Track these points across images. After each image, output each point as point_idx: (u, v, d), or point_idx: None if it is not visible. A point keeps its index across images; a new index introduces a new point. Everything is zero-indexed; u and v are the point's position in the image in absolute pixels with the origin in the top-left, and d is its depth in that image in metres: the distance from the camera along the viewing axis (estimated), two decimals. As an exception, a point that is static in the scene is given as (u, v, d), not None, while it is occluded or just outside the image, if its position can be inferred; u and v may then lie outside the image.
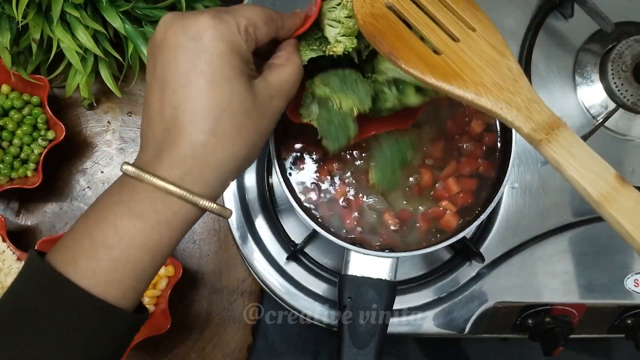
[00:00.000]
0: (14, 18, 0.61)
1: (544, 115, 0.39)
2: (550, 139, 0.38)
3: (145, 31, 0.67)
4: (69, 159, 0.75)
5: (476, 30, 0.41)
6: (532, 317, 0.64)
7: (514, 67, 0.40)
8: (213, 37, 0.36)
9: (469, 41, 0.40)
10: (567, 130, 0.38)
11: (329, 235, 0.52)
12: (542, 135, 0.38)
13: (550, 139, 0.38)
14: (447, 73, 0.39)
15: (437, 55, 0.39)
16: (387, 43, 0.39)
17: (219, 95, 0.36)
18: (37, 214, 0.75)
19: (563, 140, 0.38)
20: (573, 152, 0.37)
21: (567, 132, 0.38)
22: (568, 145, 0.37)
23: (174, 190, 0.36)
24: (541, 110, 0.39)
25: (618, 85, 0.65)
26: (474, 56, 0.40)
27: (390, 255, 0.51)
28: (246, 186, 0.66)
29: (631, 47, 0.64)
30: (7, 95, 0.72)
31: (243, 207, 0.65)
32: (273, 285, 0.64)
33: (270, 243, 0.65)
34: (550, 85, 0.67)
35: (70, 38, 0.64)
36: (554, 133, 0.38)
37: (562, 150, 0.37)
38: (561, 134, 0.38)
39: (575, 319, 0.63)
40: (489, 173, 0.55)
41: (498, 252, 0.64)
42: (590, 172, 0.37)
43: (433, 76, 0.38)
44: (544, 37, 0.67)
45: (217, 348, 0.73)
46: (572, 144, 0.38)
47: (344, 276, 0.51)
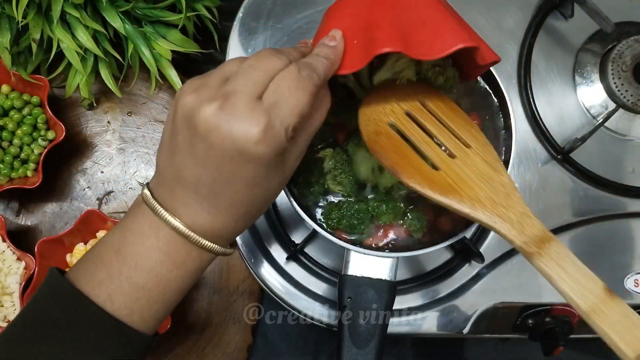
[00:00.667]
0: (14, 18, 0.61)
1: (535, 229, 0.41)
2: (542, 252, 0.40)
3: (145, 31, 0.67)
4: (69, 159, 0.75)
5: (471, 147, 0.45)
6: (532, 317, 0.64)
7: (507, 182, 0.43)
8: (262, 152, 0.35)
9: (465, 158, 0.44)
10: (557, 244, 0.40)
11: (329, 235, 0.52)
12: (534, 248, 0.40)
13: (541, 252, 0.40)
14: (444, 188, 0.42)
15: (435, 171, 0.43)
16: (389, 159, 0.43)
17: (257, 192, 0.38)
18: (37, 214, 0.75)
19: (554, 254, 0.39)
20: (563, 265, 0.39)
21: (558, 246, 0.40)
22: (558, 259, 0.39)
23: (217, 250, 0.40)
24: (533, 225, 0.41)
25: (618, 85, 0.64)
26: (469, 172, 0.43)
27: (390, 255, 0.51)
28: (246, 186, 0.66)
29: (631, 47, 0.64)
30: (7, 95, 0.72)
31: (243, 207, 0.65)
32: (273, 285, 0.64)
33: (270, 243, 0.65)
34: (550, 85, 0.67)
35: (70, 38, 0.64)
36: (545, 247, 0.40)
37: (553, 264, 0.39)
38: (552, 248, 0.40)
39: (575, 319, 0.63)
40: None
41: (498, 252, 0.64)
42: (579, 286, 0.38)
43: (431, 190, 0.42)
44: (544, 37, 0.67)
45: (217, 348, 0.73)
46: (562, 257, 0.39)
47: (344, 276, 0.51)
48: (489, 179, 0.43)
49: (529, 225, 0.41)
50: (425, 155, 0.43)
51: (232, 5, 0.68)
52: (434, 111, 0.46)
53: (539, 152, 0.65)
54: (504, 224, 0.41)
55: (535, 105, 0.65)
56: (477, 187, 0.43)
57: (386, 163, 0.43)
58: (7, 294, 0.69)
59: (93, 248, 0.40)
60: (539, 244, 0.40)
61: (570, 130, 0.66)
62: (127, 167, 0.76)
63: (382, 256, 0.51)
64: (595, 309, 0.38)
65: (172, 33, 0.68)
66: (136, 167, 0.76)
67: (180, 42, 0.68)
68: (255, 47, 0.66)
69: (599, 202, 0.65)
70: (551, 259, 0.39)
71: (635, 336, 0.36)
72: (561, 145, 0.64)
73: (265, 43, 0.66)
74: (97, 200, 0.76)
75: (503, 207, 0.42)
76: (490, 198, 0.42)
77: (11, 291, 0.69)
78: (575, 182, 0.65)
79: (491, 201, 0.42)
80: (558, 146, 0.64)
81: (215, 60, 0.79)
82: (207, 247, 0.39)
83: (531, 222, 0.41)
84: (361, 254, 0.51)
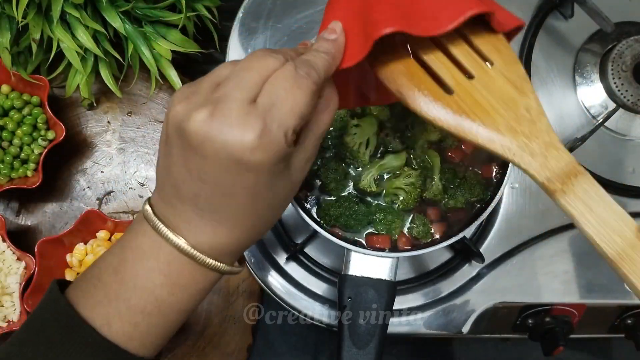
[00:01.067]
0: (14, 18, 0.61)
1: (562, 162, 0.36)
2: (566, 189, 0.35)
3: (145, 31, 0.67)
4: (69, 159, 0.75)
5: (494, 64, 0.38)
6: (532, 317, 0.64)
7: (534, 106, 0.37)
8: (260, 160, 0.33)
9: (485, 78, 0.38)
10: (586, 179, 0.35)
11: (329, 235, 0.52)
12: (557, 185, 0.35)
13: (565, 189, 0.35)
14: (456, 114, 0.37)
15: (447, 95, 0.37)
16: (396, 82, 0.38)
17: (261, 202, 0.36)
18: (37, 214, 0.75)
19: (580, 191, 0.35)
20: (590, 205, 0.35)
21: (586, 181, 0.35)
22: (585, 197, 0.35)
23: (223, 269, 0.38)
24: (559, 157, 0.36)
25: (618, 85, 0.64)
26: (488, 96, 0.37)
27: (390, 255, 0.51)
28: (246, 186, 0.66)
29: (631, 47, 0.64)
30: (7, 95, 0.72)
31: (243, 207, 0.65)
32: (273, 285, 0.64)
33: (270, 243, 0.65)
34: (550, 85, 0.67)
35: (70, 38, 0.64)
36: (571, 182, 0.35)
37: (578, 203, 0.35)
38: (578, 184, 0.35)
39: (575, 319, 0.63)
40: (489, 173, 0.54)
41: (498, 252, 0.64)
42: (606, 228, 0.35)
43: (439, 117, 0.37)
44: (544, 37, 0.67)
45: (217, 348, 0.73)
46: (589, 195, 0.35)
47: (344, 276, 0.51)
48: (512, 102, 0.37)
49: (554, 158, 0.36)
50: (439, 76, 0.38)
51: (232, 5, 0.68)
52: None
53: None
54: (524, 156, 0.36)
55: (535, 105, 0.65)
56: (496, 113, 0.37)
57: (392, 86, 0.38)
58: (7, 294, 0.69)
59: (94, 263, 0.39)
60: (564, 179, 0.35)
61: (570, 130, 0.66)
62: (127, 167, 0.76)
63: (382, 256, 0.51)
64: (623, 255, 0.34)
65: (172, 33, 0.68)
66: (136, 167, 0.76)
67: (180, 42, 0.68)
68: (255, 47, 0.66)
69: (599, 202, 0.65)
70: (576, 197, 0.35)
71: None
72: (561, 145, 0.64)
73: (265, 43, 0.66)
74: (97, 200, 0.76)
75: (525, 137, 0.36)
76: (510, 127, 0.36)
77: (11, 291, 0.69)
78: (575, 182, 0.65)
79: (511, 129, 0.36)
80: (558, 146, 0.64)
81: (215, 60, 0.79)
82: (212, 266, 0.37)
83: (557, 153, 0.36)
84: (361, 254, 0.51)
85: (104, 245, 0.71)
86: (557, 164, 0.36)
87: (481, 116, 0.37)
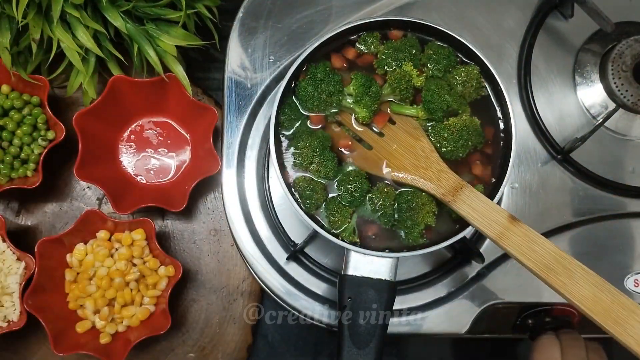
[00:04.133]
0: (14, 18, 0.61)
1: (450, 181, 0.51)
2: (456, 199, 0.50)
3: (148, 28, 0.66)
4: (68, 159, 0.75)
5: (396, 123, 0.54)
6: (532, 317, 0.64)
7: (426, 146, 0.53)
8: None
9: (391, 134, 0.54)
10: (468, 189, 0.50)
11: (329, 235, 0.52)
12: (449, 197, 0.50)
13: (455, 199, 0.50)
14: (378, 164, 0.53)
15: (369, 150, 0.54)
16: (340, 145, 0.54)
17: None
18: (37, 214, 0.75)
19: (465, 198, 0.50)
20: (473, 205, 0.49)
21: (468, 191, 0.50)
22: (468, 201, 0.49)
23: None
24: (448, 178, 0.51)
25: (618, 85, 0.64)
26: (395, 145, 0.54)
27: (390, 255, 0.51)
28: (246, 186, 0.66)
29: (631, 47, 0.64)
30: (7, 95, 0.72)
31: (243, 207, 0.65)
32: (273, 285, 0.64)
33: (270, 243, 0.65)
34: (550, 85, 0.67)
35: (71, 38, 0.64)
36: (458, 194, 0.50)
37: (465, 206, 0.49)
38: (463, 194, 0.50)
39: (575, 319, 0.63)
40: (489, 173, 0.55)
41: (498, 252, 0.64)
42: (487, 219, 0.48)
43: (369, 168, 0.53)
44: (544, 37, 0.67)
45: (217, 348, 0.73)
46: (471, 199, 0.49)
47: (344, 276, 0.51)
48: (411, 147, 0.53)
49: (445, 179, 0.51)
50: (362, 138, 0.54)
51: (232, 5, 0.68)
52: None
53: (538, 152, 0.65)
54: (426, 182, 0.52)
55: (535, 105, 0.65)
56: (402, 157, 0.53)
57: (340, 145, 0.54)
58: (7, 294, 0.69)
59: None
60: (453, 192, 0.50)
61: (570, 130, 0.66)
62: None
63: (382, 256, 0.51)
64: (501, 235, 0.47)
65: (174, 29, 0.67)
66: (136, 167, 0.76)
67: (183, 37, 0.67)
68: (255, 46, 0.66)
69: (599, 202, 0.65)
70: (463, 202, 0.49)
71: (531, 249, 0.46)
72: (561, 145, 0.64)
73: (265, 43, 0.66)
74: (97, 200, 0.76)
75: (423, 169, 0.52)
76: (413, 164, 0.53)
77: (11, 291, 0.69)
78: (575, 182, 0.65)
79: (414, 166, 0.52)
80: (558, 146, 0.64)
81: (215, 59, 0.79)
82: None
83: (447, 176, 0.51)
84: (361, 254, 0.51)
85: (104, 246, 0.71)
86: (447, 183, 0.51)
87: (393, 161, 0.53)
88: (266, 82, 0.66)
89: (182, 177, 0.75)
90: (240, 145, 0.65)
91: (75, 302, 0.70)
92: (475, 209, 0.49)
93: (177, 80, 0.69)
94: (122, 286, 0.69)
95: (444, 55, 0.55)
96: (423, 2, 0.67)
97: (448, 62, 0.55)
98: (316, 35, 0.66)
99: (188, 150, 0.76)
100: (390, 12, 0.67)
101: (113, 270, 0.70)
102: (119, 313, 0.70)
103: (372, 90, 0.53)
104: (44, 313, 0.67)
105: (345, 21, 0.66)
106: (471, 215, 0.48)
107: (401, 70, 0.54)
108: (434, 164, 0.52)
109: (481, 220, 0.48)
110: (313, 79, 0.53)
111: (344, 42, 0.57)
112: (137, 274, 0.70)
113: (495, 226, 0.47)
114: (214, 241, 0.75)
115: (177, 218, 0.76)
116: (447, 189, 0.50)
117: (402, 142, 0.53)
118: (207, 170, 0.70)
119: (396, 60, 0.54)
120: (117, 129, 0.75)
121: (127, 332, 0.70)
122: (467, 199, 0.49)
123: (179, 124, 0.76)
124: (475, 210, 0.48)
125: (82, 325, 0.69)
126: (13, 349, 0.72)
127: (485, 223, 0.48)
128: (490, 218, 0.48)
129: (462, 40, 0.55)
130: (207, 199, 0.76)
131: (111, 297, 0.69)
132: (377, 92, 0.53)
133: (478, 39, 0.65)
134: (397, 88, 0.53)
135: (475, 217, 0.48)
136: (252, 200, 0.65)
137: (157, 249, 0.70)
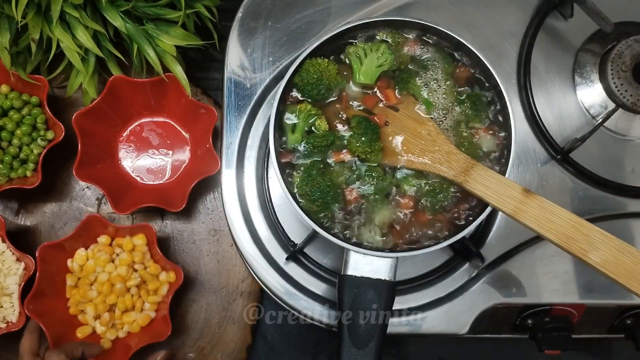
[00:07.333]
0: (14, 18, 0.61)
1: (460, 161, 0.51)
2: (468, 179, 0.50)
3: (147, 28, 0.66)
4: (68, 159, 0.75)
5: (399, 110, 0.54)
6: (532, 317, 0.64)
7: (431, 129, 0.53)
8: None
9: (397, 122, 0.54)
10: (479, 167, 0.50)
11: (328, 235, 0.52)
12: (462, 177, 0.50)
13: (468, 179, 0.50)
14: (393, 154, 0.53)
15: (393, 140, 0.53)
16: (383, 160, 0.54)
17: None
18: (37, 214, 0.75)
19: (477, 176, 0.50)
20: (486, 183, 0.49)
21: (479, 169, 0.50)
22: (481, 179, 0.50)
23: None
24: (458, 158, 0.51)
25: (618, 85, 0.64)
26: (403, 132, 0.53)
27: (390, 255, 0.51)
28: (245, 187, 0.65)
29: (631, 47, 0.64)
30: (6, 95, 0.72)
31: (242, 207, 0.65)
32: (273, 285, 0.64)
33: (270, 243, 0.65)
34: (550, 86, 0.67)
35: (70, 38, 0.64)
36: (470, 173, 0.50)
37: (478, 185, 0.49)
38: (475, 172, 0.50)
39: (575, 319, 0.63)
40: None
41: (498, 252, 0.64)
42: (501, 196, 0.48)
43: (386, 158, 0.53)
44: (544, 37, 0.67)
45: (217, 348, 0.73)
46: (483, 177, 0.50)
47: (344, 276, 0.51)
48: (417, 132, 0.53)
49: (454, 160, 0.51)
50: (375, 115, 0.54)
51: (232, 5, 0.68)
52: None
53: (538, 152, 0.65)
54: (436, 165, 0.51)
55: (535, 106, 0.65)
56: (411, 144, 0.53)
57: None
58: (7, 295, 0.69)
59: None
60: (465, 172, 0.50)
61: (570, 130, 0.66)
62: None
63: (382, 256, 0.51)
64: (517, 210, 0.47)
65: (174, 29, 0.67)
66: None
67: (182, 37, 0.67)
68: (254, 46, 0.66)
69: (599, 202, 0.65)
70: (475, 181, 0.49)
71: (549, 220, 0.46)
72: (561, 146, 0.64)
73: (264, 43, 0.66)
74: (97, 201, 0.76)
75: (431, 152, 0.52)
76: (422, 149, 0.52)
77: (11, 292, 0.69)
78: (574, 182, 0.65)
79: (422, 151, 0.52)
80: (557, 146, 0.64)
81: (215, 60, 0.79)
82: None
83: (456, 157, 0.51)
84: (361, 254, 0.51)
85: (105, 251, 0.70)
86: (457, 164, 0.51)
87: (404, 149, 0.53)
88: (265, 82, 0.66)
89: (182, 177, 0.75)
90: (240, 145, 0.65)
91: (76, 307, 0.70)
92: (489, 186, 0.49)
93: (176, 80, 0.69)
94: (123, 292, 0.69)
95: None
96: (422, 2, 0.67)
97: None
98: (315, 35, 0.66)
99: (187, 150, 0.76)
100: (389, 12, 0.67)
101: (114, 275, 0.69)
102: (119, 319, 0.69)
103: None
104: (45, 318, 0.66)
105: (345, 21, 0.66)
106: (485, 193, 0.49)
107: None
108: (442, 146, 0.52)
109: (496, 198, 0.48)
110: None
111: (343, 42, 0.57)
112: (138, 280, 0.70)
113: (511, 201, 0.47)
114: (213, 241, 0.75)
115: (176, 218, 0.75)
116: (458, 170, 0.50)
117: (408, 129, 0.53)
118: (206, 170, 0.70)
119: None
120: (116, 129, 0.75)
121: (128, 338, 0.70)
122: (480, 177, 0.49)
123: (178, 124, 0.76)
124: (489, 188, 0.49)
125: (83, 331, 0.69)
126: (13, 349, 0.72)
127: (501, 200, 0.48)
128: (505, 194, 0.48)
129: (462, 40, 0.55)
130: (207, 199, 0.76)
131: (112, 303, 0.69)
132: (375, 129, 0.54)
133: (477, 39, 0.65)
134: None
135: (490, 194, 0.48)
136: (251, 200, 0.65)
137: (158, 254, 0.70)
